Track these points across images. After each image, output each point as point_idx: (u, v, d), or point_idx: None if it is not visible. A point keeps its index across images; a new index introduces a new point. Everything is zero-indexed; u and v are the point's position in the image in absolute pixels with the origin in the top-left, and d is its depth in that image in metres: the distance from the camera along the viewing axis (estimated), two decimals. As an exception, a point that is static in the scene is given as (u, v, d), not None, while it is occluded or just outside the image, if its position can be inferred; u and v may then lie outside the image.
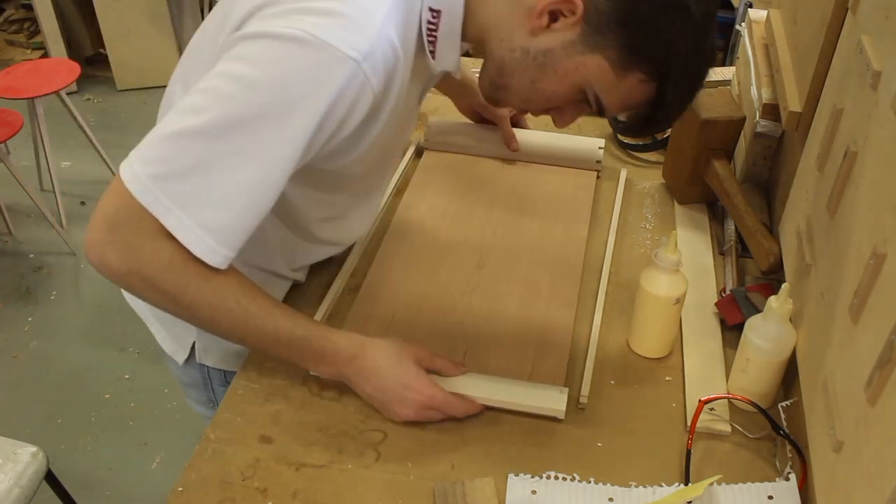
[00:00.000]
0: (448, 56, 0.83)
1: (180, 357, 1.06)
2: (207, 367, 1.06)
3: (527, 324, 1.00)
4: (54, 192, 2.72)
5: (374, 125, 0.81)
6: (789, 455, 0.83)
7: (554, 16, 0.76)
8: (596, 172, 1.28)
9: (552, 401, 0.87)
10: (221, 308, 0.79)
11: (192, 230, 0.73)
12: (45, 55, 3.56)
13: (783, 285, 0.83)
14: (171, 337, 1.06)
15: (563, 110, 0.85)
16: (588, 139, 1.31)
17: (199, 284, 0.77)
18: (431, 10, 0.79)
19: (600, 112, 0.82)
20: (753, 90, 1.15)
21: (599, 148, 1.28)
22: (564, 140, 1.30)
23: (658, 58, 0.76)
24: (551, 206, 1.20)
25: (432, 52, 0.82)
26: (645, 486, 0.81)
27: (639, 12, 0.73)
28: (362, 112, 0.76)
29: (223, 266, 0.76)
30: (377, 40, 0.73)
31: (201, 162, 0.72)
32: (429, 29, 0.80)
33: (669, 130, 1.27)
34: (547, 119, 0.88)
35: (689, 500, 0.78)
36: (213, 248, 0.74)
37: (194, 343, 1.03)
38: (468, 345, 0.97)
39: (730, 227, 1.14)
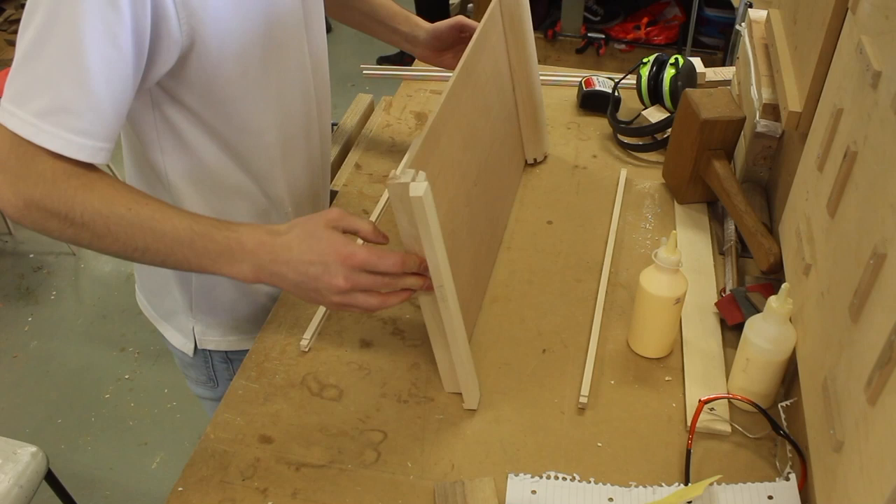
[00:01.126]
0: None
1: (189, 348, 1.10)
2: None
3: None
4: (54, 192, 2.72)
5: None
6: (789, 455, 0.83)
7: None
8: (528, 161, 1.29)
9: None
10: (113, 216, 0.78)
11: (53, 133, 0.75)
12: (45, 55, 3.55)
13: (783, 285, 0.83)
14: (176, 330, 1.11)
15: None
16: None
17: (84, 195, 0.77)
18: None
19: None
20: (753, 90, 1.15)
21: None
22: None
23: None
24: None
25: None
26: (645, 486, 0.81)
27: None
28: None
29: (99, 159, 0.78)
30: None
31: (28, 58, 0.74)
32: None
33: (669, 130, 1.27)
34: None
35: (689, 500, 0.78)
36: (80, 144, 0.76)
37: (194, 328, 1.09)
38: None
39: (730, 227, 1.14)
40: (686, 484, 0.81)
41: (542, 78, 1.55)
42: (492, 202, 1.09)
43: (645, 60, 1.42)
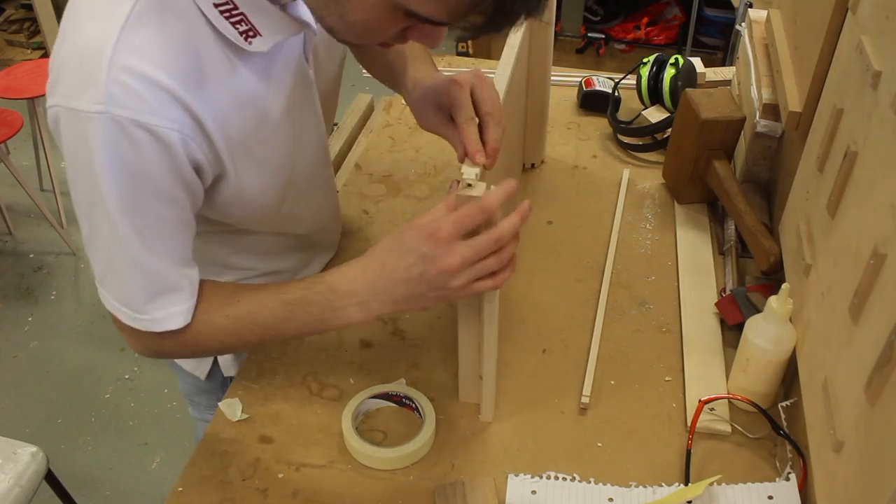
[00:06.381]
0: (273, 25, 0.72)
1: (202, 371, 1.05)
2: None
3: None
4: (54, 192, 2.72)
5: (222, 168, 0.76)
6: (789, 455, 0.83)
7: None
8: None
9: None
10: (219, 332, 0.79)
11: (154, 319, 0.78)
12: (45, 55, 3.56)
13: (783, 285, 0.83)
14: None
15: (418, 32, 0.69)
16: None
17: (195, 339, 0.80)
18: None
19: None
20: (753, 90, 1.15)
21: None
22: None
23: None
24: None
25: (247, 33, 0.70)
26: (645, 486, 0.81)
27: None
28: (161, 154, 0.68)
29: (182, 321, 0.78)
30: (111, 82, 0.64)
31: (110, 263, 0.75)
32: (223, 12, 0.69)
33: (669, 130, 1.27)
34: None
35: (689, 500, 0.78)
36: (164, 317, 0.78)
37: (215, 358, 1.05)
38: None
39: (730, 227, 1.14)
40: (686, 484, 0.81)
41: (542, 78, 1.56)
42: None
43: (645, 60, 1.42)
